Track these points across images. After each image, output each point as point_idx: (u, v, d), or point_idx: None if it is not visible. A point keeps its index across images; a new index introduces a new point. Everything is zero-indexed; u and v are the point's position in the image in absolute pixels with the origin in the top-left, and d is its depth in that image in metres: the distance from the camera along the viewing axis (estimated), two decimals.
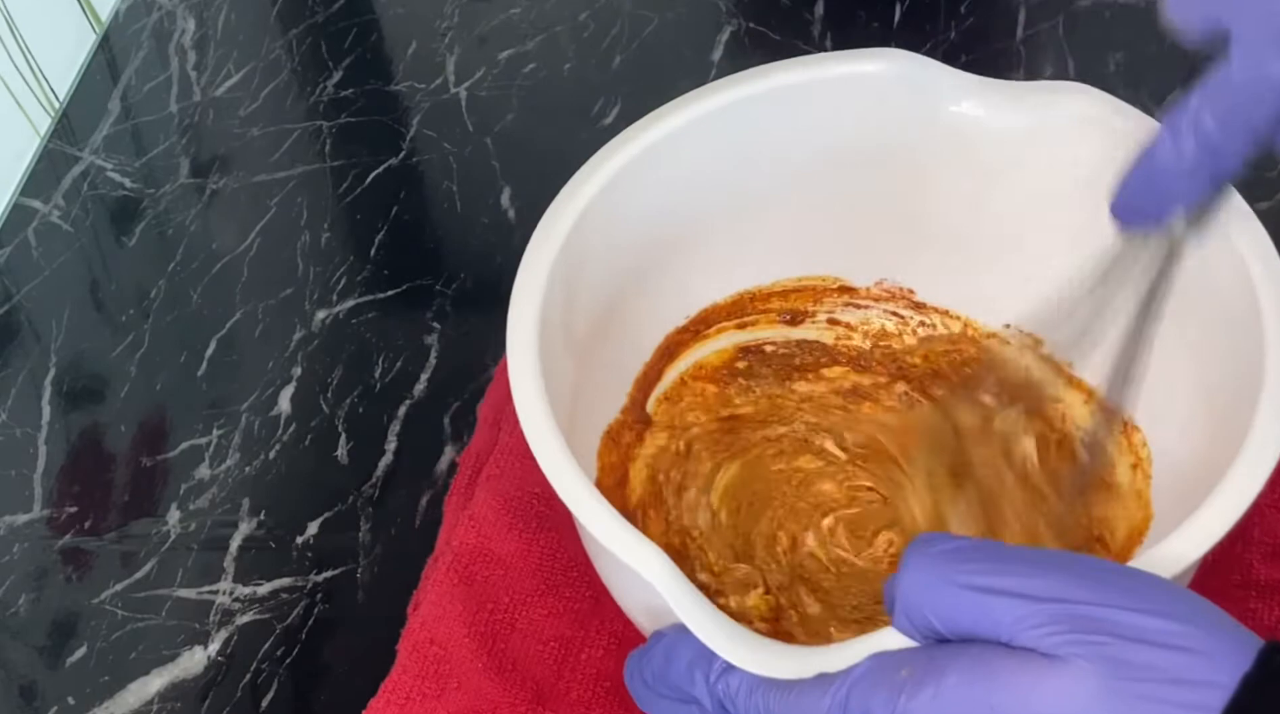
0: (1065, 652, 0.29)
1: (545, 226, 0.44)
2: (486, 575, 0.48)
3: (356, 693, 0.48)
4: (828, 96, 0.47)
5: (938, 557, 0.32)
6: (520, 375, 0.40)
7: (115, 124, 0.69)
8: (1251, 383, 0.39)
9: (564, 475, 0.38)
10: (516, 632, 0.47)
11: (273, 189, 0.65)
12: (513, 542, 0.48)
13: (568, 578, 0.48)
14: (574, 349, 0.45)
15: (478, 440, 0.52)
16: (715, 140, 0.47)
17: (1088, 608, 0.30)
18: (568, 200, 0.44)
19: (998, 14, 0.67)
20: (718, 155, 0.47)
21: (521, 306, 0.42)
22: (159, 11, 0.73)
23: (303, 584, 0.52)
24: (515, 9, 0.71)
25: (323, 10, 0.72)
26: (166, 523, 0.54)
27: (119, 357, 0.60)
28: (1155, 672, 0.29)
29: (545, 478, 0.39)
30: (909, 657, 0.32)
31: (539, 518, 0.49)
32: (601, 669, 0.46)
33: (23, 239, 0.64)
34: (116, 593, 0.52)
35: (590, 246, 0.45)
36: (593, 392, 0.47)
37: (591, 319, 0.46)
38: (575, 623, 0.47)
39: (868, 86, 0.46)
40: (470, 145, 0.65)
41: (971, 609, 0.31)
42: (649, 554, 0.36)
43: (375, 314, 0.60)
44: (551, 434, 0.39)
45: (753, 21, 0.68)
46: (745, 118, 0.46)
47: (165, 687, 0.50)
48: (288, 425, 0.56)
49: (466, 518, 0.49)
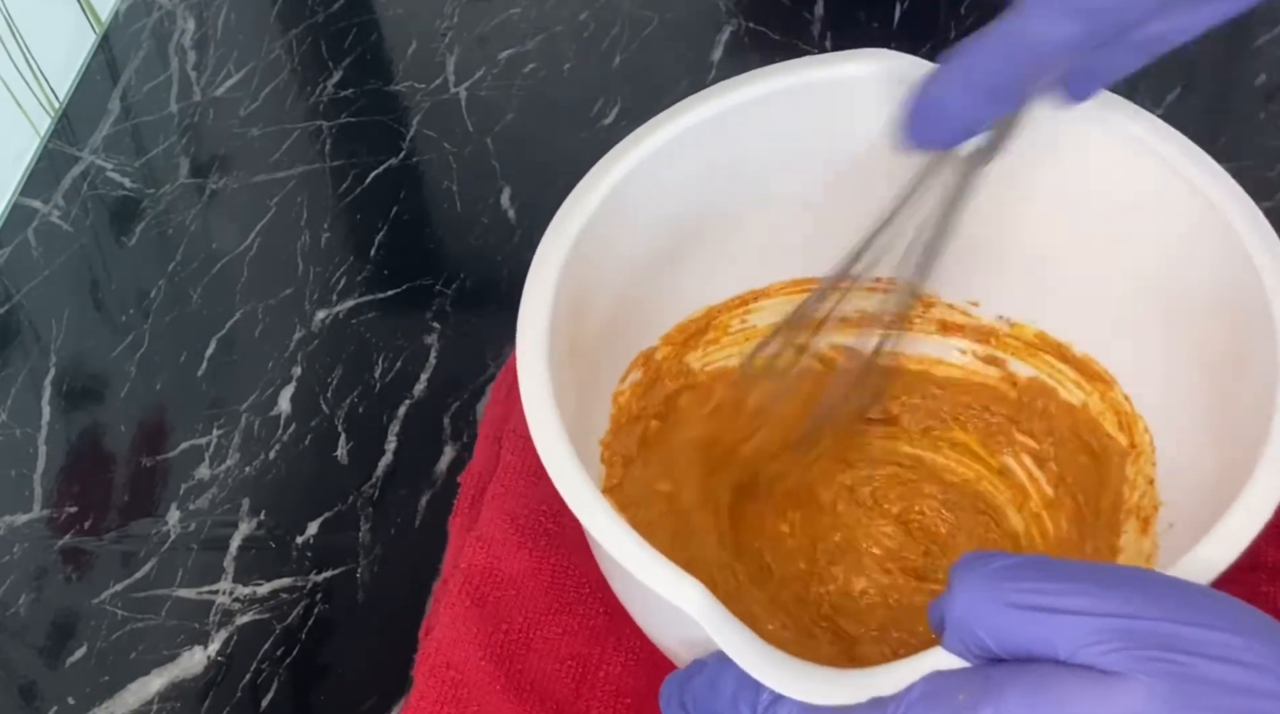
0: (1127, 668, 0.29)
1: (549, 240, 0.43)
2: (499, 596, 0.47)
3: (356, 693, 0.48)
4: (824, 99, 0.47)
5: (990, 576, 0.31)
6: (535, 401, 0.40)
7: (115, 124, 0.69)
8: (1267, 382, 0.39)
9: (596, 515, 0.37)
10: (532, 652, 0.46)
11: (273, 189, 0.65)
12: (523, 561, 0.48)
13: (580, 595, 0.47)
14: (577, 358, 0.44)
15: (478, 459, 0.52)
16: (718, 145, 0.46)
17: (1147, 623, 0.29)
18: (571, 210, 0.44)
19: (998, 14, 0.67)
20: (719, 160, 0.47)
21: (530, 336, 0.41)
22: (159, 11, 0.73)
23: (303, 584, 0.52)
24: (515, 9, 0.71)
25: (323, 10, 0.72)
26: (166, 523, 0.54)
27: (119, 357, 0.60)
28: (1221, 687, 0.29)
29: (552, 494, 0.38)
30: (964, 679, 0.32)
31: (548, 536, 0.48)
32: (620, 686, 0.46)
33: (23, 239, 0.64)
34: (116, 593, 0.52)
35: (596, 255, 0.44)
36: (594, 400, 0.47)
37: (596, 328, 0.46)
38: (591, 640, 0.47)
39: (860, 88, 0.46)
40: (470, 145, 0.65)
41: (1027, 628, 0.30)
42: (689, 589, 0.35)
43: (375, 314, 0.60)
44: (575, 472, 0.38)
45: (753, 21, 0.68)
46: (747, 121, 0.46)
47: (165, 687, 0.50)
48: (288, 425, 0.56)
49: (474, 539, 0.48)
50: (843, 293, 0.48)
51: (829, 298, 0.48)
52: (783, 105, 0.46)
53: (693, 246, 0.49)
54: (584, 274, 0.44)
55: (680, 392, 0.51)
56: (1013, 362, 0.51)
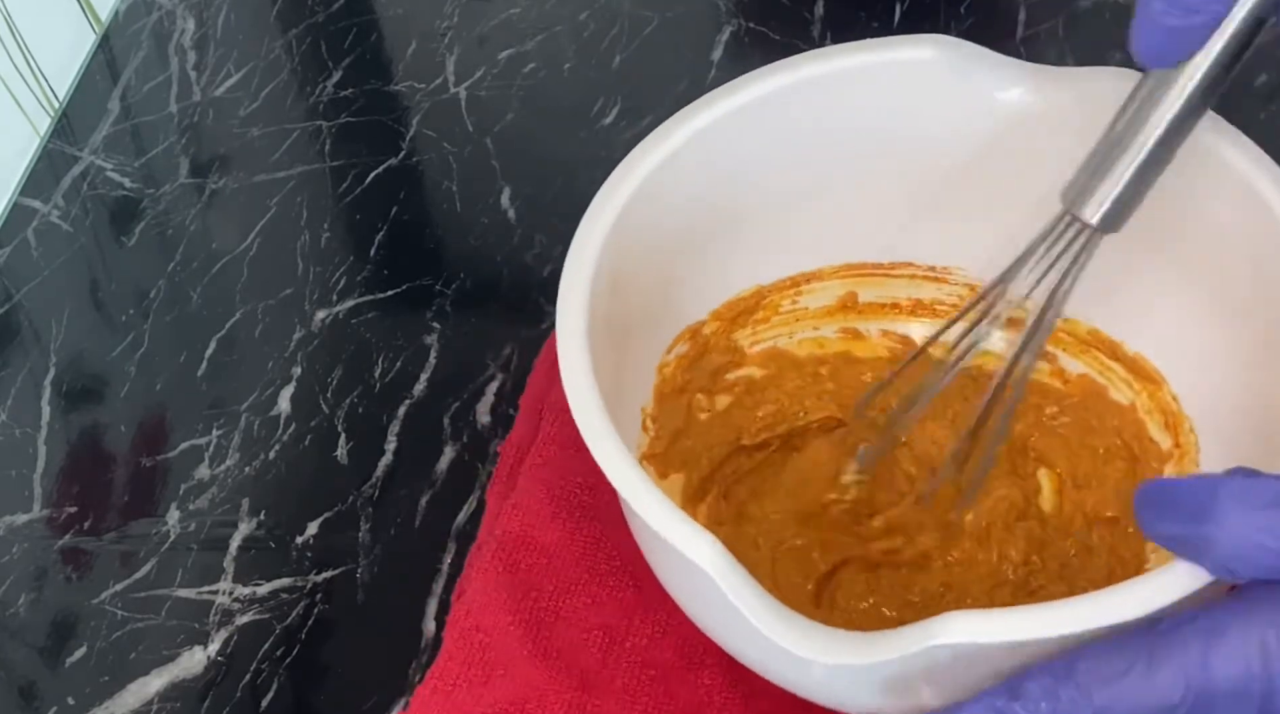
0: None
1: (591, 217, 0.43)
2: (531, 563, 0.48)
3: (356, 693, 0.48)
4: (874, 83, 0.46)
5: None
6: (572, 371, 0.40)
7: (115, 124, 0.69)
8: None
9: (621, 468, 0.38)
10: (561, 620, 0.47)
11: (273, 189, 0.65)
12: (556, 530, 0.49)
13: (611, 567, 0.48)
14: (615, 338, 0.44)
15: (518, 430, 0.53)
16: (762, 128, 0.46)
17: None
18: (612, 191, 0.44)
19: (998, 14, 0.67)
20: (766, 143, 0.47)
21: (570, 299, 0.42)
22: (159, 11, 0.73)
23: (302, 584, 0.52)
24: (515, 9, 0.71)
25: (323, 10, 0.72)
26: (166, 523, 0.54)
27: (119, 356, 0.60)
28: None
29: (588, 468, 0.38)
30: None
31: (583, 507, 0.49)
32: (646, 658, 0.46)
33: (22, 239, 0.64)
34: (116, 593, 0.52)
35: (635, 237, 0.44)
36: (636, 371, 0.47)
37: (639, 303, 0.46)
38: (620, 612, 0.47)
39: (918, 73, 0.46)
40: (470, 145, 0.65)
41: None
42: (703, 544, 0.36)
43: (375, 314, 0.60)
44: (606, 429, 0.39)
45: (753, 21, 0.68)
46: (793, 104, 0.46)
47: (165, 687, 0.50)
48: (287, 425, 0.56)
49: (510, 506, 0.49)
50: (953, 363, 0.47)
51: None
52: (841, 86, 0.46)
53: (742, 227, 0.49)
54: (625, 249, 0.44)
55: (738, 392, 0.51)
56: (1063, 357, 0.50)
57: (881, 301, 0.52)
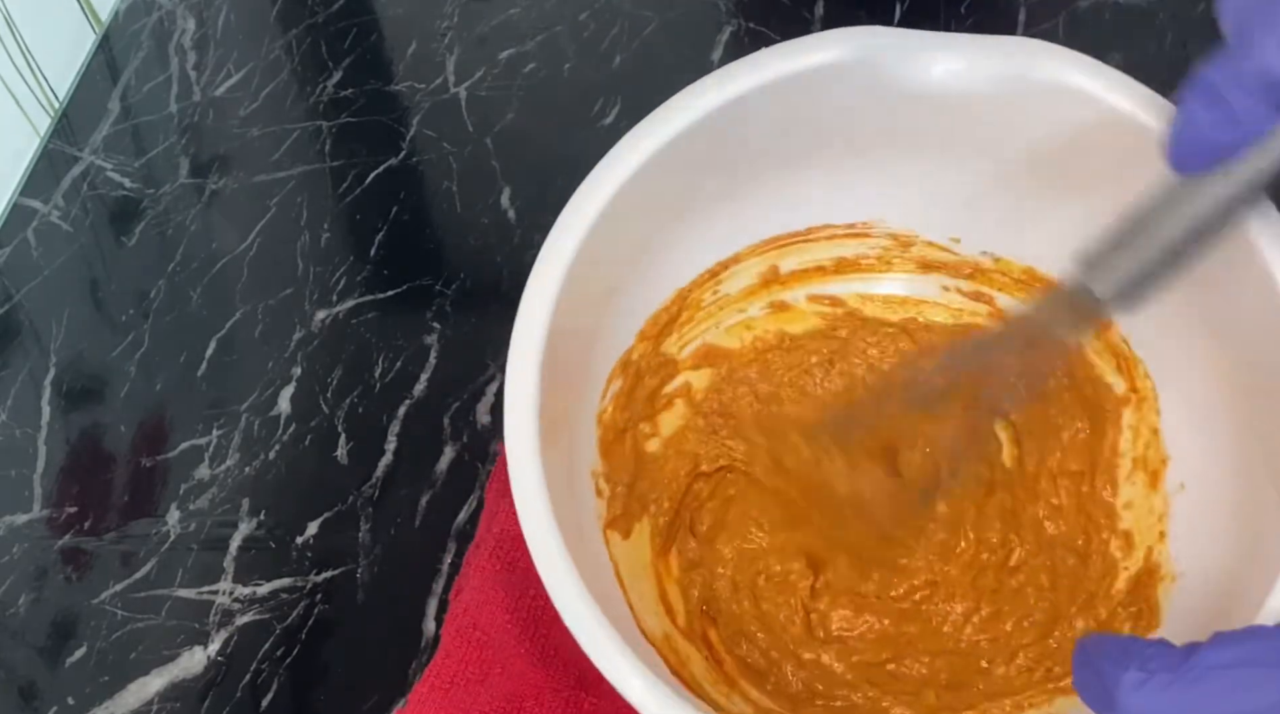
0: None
1: (527, 312, 0.43)
2: (529, 563, 0.48)
3: (356, 693, 0.48)
4: (807, 87, 0.46)
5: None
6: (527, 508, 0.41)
7: (115, 124, 0.69)
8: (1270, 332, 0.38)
9: (565, 589, 0.39)
10: (558, 619, 0.47)
11: (273, 189, 0.65)
12: None
13: None
14: (558, 416, 0.44)
15: None
16: (692, 158, 0.45)
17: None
18: (549, 265, 0.43)
19: (998, 14, 0.67)
20: (694, 173, 0.46)
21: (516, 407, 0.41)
22: (159, 11, 0.73)
23: (302, 584, 0.52)
24: (515, 9, 0.71)
25: (323, 10, 0.72)
26: (166, 523, 0.54)
27: (119, 357, 0.60)
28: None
29: None
30: None
31: None
32: None
33: (22, 239, 0.64)
34: (116, 593, 0.52)
35: (574, 305, 0.44)
36: (581, 439, 0.47)
37: (575, 365, 0.46)
38: None
39: (840, 73, 0.45)
40: (470, 145, 0.65)
41: None
42: (635, 681, 0.37)
43: (375, 314, 0.60)
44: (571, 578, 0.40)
45: (753, 21, 0.68)
46: (734, 116, 0.46)
47: (165, 687, 0.50)
48: (287, 425, 0.56)
49: (509, 505, 0.49)
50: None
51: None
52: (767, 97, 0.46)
53: (672, 252, 0.49)
54: (562, 326, 0.43)
55: (668, 398, 0.50)
56: (1000, 297, 0.49)
57: (804, 267, 0.51)
